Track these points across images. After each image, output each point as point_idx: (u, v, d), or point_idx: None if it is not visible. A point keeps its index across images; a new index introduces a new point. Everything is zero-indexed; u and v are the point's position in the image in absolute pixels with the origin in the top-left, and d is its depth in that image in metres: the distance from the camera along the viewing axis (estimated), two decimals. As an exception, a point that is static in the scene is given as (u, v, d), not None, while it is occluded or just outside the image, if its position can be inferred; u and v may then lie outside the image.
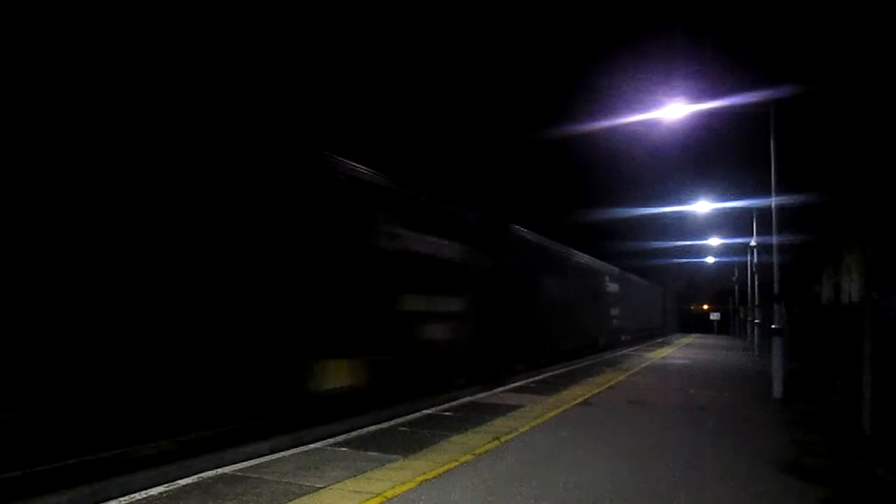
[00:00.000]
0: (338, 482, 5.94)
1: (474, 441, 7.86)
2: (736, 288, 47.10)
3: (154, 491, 5.54)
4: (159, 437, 6.86)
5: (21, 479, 5.56)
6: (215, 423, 7.49)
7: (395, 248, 10.74)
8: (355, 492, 5.65)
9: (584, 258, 25.54)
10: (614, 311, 30.84)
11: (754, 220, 26.53)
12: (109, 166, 6.32)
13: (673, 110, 14.65)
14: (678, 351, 29.62)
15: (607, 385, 14.24)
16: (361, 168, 9.99)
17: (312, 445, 7.46)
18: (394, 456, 7.01)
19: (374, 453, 7.12)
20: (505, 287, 15.43)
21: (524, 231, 17.93)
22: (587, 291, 25.59)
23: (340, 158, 9.56)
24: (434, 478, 6.19)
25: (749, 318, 35.22)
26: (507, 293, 15.59)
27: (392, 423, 8.95)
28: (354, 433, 8.19)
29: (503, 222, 16.42)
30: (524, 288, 17.10)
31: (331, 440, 7.75)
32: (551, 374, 16.72)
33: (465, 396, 11.93)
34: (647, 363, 21.33)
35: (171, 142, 6.96)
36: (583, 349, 24.05)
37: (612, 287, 30.76)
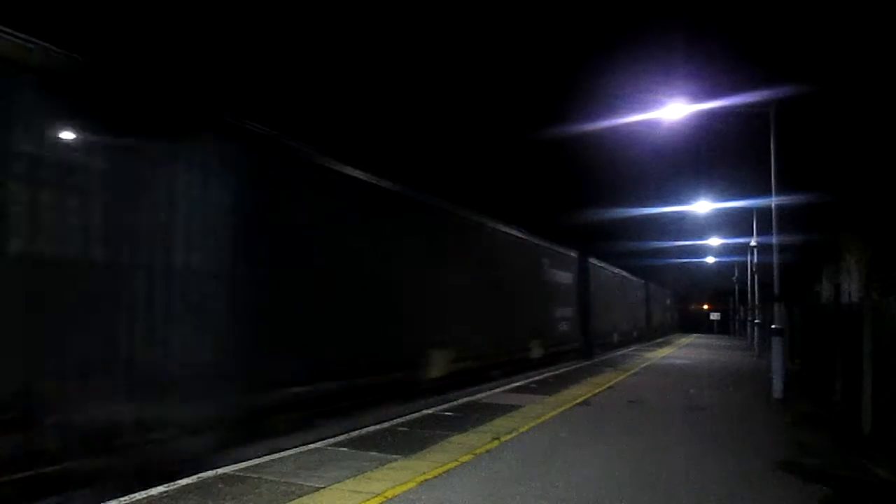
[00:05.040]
0: (338, 482, 5.94)
1: (474, 441, 7.86)
2: (736, 288, 47.09)
3: (154, 491, 5.54)
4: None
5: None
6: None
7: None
8: (355, 492, 5.65)
9: (484, 221, 15.79)
10: (564, 312, 22.34)
11: (754, 220, 26.52)
12: None
13: (673, 110, 14.66)
14: (678, 351, 29.63)
15: (607, 385, 14.24)
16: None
17: (312, 445, 7.46)
18: (394, 456, 7.01)
19: (374, 453, 7.12)
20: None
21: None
22: (496, 275, 16.12)
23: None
24: (434, 478, 6.19)
25: (749, 318, 35.23)
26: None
27: (392, 422, 8.95)
28: (355, 433, 8.19)
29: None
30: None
31: (331, 440, 7.75)
32: (552, 374, 16.72)
33: (465, 397, 11.91)
34: (647, 363, 21.34)
35: None
36: (482, 371, 14.48)
37: (560, 276, 22.50)
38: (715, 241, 39.63)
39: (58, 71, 6.08)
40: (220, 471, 6.22)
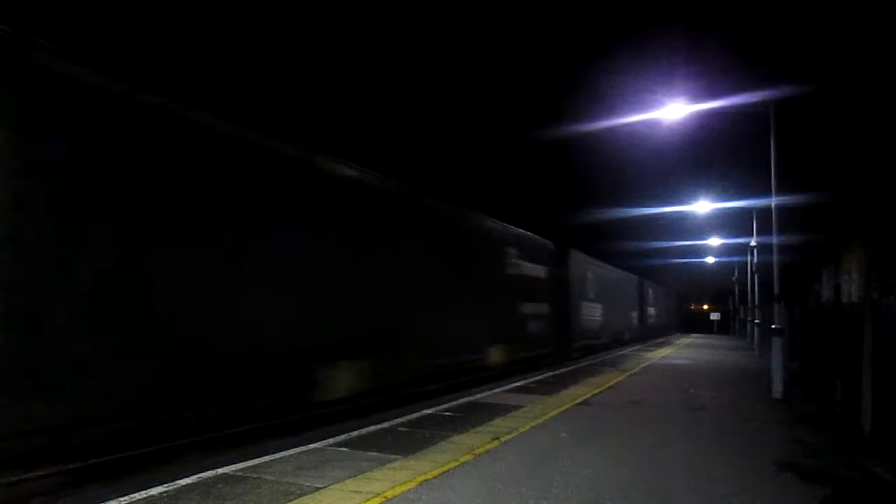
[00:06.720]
0: (338, 482, 5.94)
1: (474, 441, 7.86)
2: (736, 288, 47.11)
3: (154, 491, 5.54)
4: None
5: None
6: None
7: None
8: (355, 492, 5.65)
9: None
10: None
11: (754, 220, 26.54)
12: None
13: (673, 110, 14.66)
14: (678, 351, 29.62)
15: (607, 385, 14.24)
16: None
17: (312, 445, 7.46)
18: (394, 456, 7.01)
19: (374, 453, 7.12)
20: None
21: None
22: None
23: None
24: (434, 478, 6.19)
25: (749, 318, 35.23)
26: None
27: (392, 422, 8.95)
28: (355, 433, 8.19)
29: None
30: None
31: (331, 440, 7.75)
32: (552, 374, 16.72)
33: (465, 397, 11.92)
34: (647, 363, 21.34)
35: None
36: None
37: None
38: (715, 241, 39.67)
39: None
40: (220, 471, 6.22)
